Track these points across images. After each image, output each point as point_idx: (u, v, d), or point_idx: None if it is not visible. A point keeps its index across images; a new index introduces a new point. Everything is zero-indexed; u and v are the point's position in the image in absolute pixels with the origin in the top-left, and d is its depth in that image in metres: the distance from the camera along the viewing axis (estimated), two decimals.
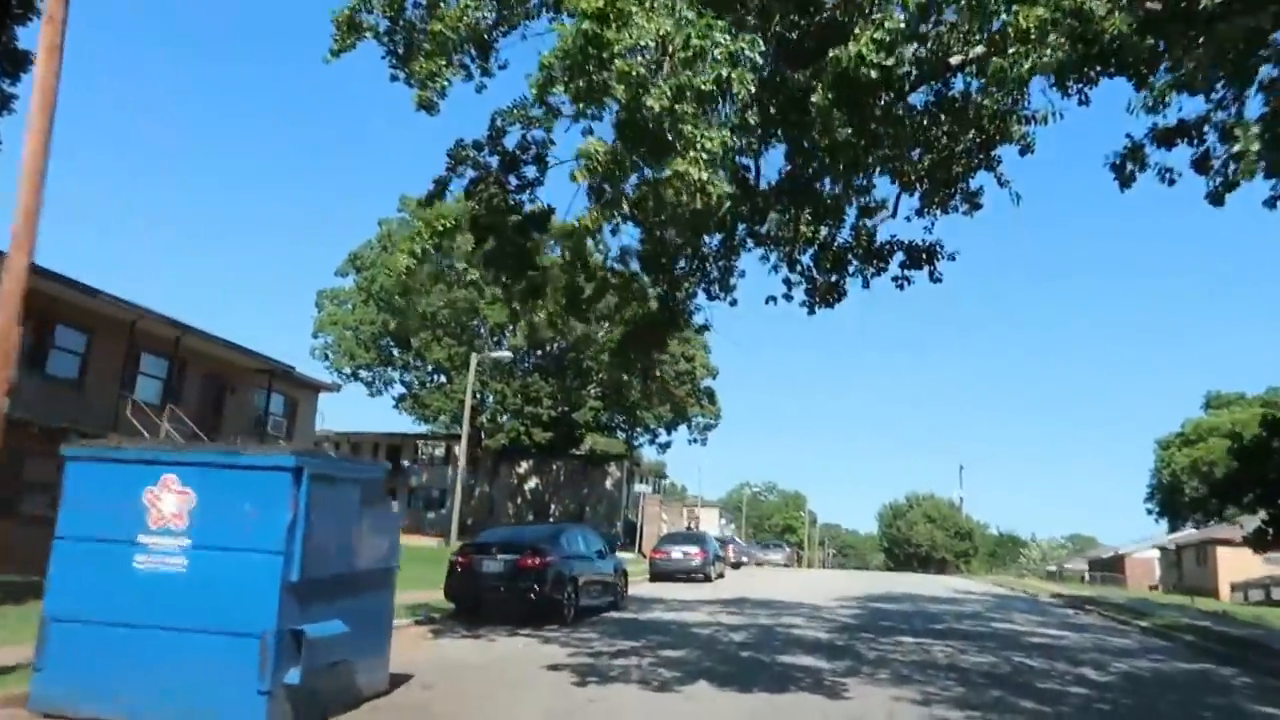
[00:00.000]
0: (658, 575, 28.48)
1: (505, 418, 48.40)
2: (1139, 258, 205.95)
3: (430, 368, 48.51)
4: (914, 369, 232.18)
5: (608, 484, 68.07)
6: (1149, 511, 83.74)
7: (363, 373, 49.51)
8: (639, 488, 48.71)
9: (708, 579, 28.49)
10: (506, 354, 38.78)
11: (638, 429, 54.66)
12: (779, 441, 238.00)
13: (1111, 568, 70.08)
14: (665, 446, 57.16)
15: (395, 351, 48.75)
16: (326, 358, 48.79)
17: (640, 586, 25.56)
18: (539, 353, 51.43)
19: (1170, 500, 79.51)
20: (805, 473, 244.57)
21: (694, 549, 28.81)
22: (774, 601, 21.14)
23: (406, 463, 63.57)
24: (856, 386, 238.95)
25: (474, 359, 37.66)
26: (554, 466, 70.47)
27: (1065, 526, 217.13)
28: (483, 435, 49.20)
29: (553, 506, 69.01)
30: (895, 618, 18.05)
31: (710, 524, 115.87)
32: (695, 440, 58.12)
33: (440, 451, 63.03)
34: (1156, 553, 64.44)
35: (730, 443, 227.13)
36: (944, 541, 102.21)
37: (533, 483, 70.07)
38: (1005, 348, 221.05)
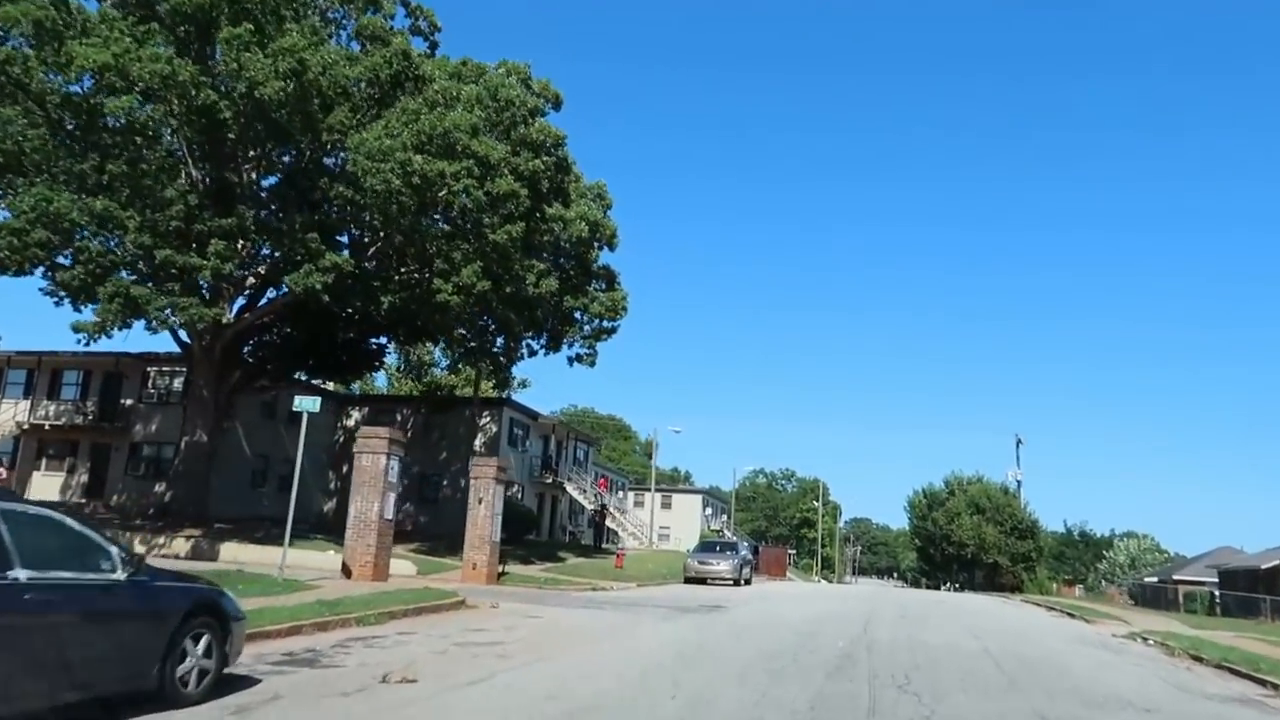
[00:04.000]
0: None
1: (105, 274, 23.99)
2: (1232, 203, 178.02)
3: None
4: (957, 338, 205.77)
5: (478, 443, 43.68)
6: None
7: None
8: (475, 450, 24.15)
9: None
10: None
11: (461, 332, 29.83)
12: (800, 424, 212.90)
13: (1273, 585, 44.86)
14: (499, 362, 32.44)
15: None
16: None
17: None
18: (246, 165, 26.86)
19: None
20: (829, 459, 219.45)
21: None
22: None
23: (129, 401, 39.63)
24: (889, 359, 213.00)
25: None
26: (399, 414, 46.25)
27: (1116, 524, 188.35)
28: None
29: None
30: None
31: (692, 515, 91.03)
32: (580, 357, 33.49)
33: (180, 383, 38.86)
34: None
35: (745, 425, 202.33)
36: (996, 540, 76.36)
37: None
38: (1059, 316, 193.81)
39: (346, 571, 18.66)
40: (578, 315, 32.64)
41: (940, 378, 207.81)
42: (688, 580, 32.04)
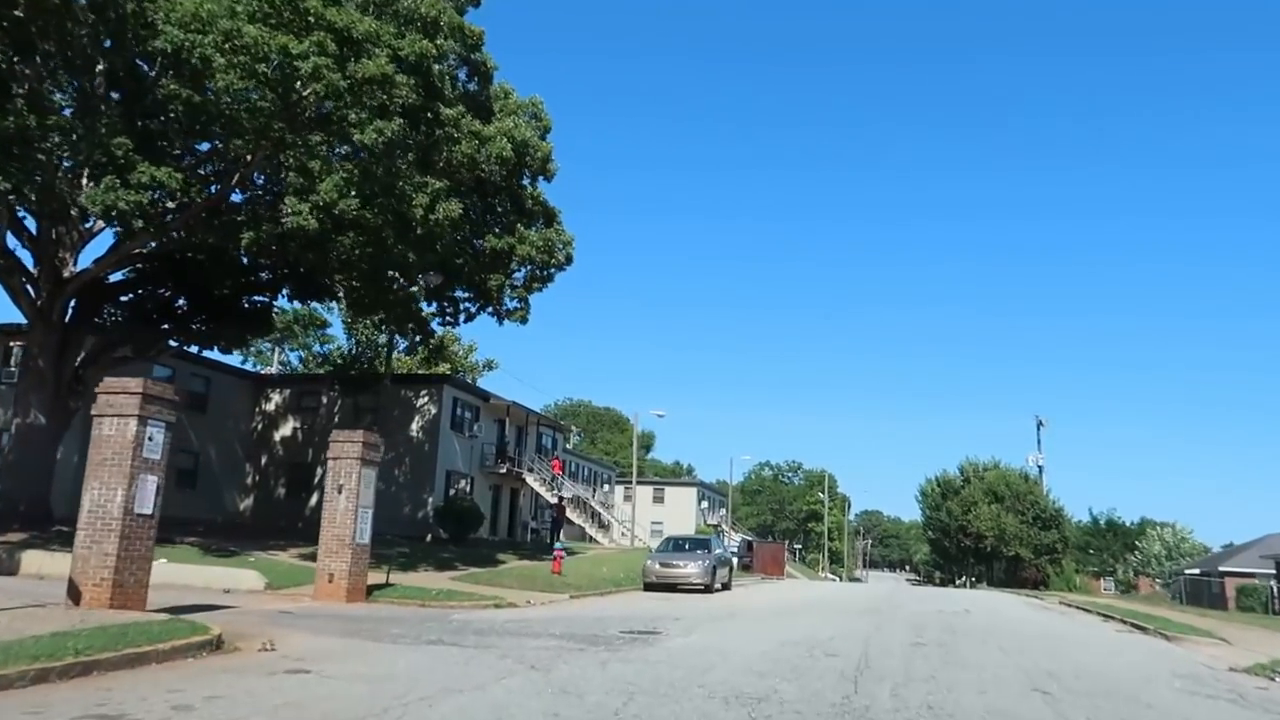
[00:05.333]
0: None
1: None
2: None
3: None
4: (971, 325, 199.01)
5: (415, 426, 37.52)
6: None
7: None
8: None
9: None
10: None
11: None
12: (807, 415, 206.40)
13: None
14: (408, 311, 26.13)
15: None
16: None
17: None
18: None
19: None
20: (838, 451, 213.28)
21: None
22: None
23: None
24: (899, 348, 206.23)
25: None
26: (324, 397, 40.07)
27: (1145, 512, 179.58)
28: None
29: (321, 469, 38.58)
30: None
31: (687, 509, 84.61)
32: (510, 312, 27.28)
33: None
34: None
35: (749, 418, 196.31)
36: (1018, 530, 69.90)
37: (288, 427, 39.76)
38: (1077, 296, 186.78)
39: (74, 595, 12.41)
40: (513, 264, 26.28)
41: (954, 366, 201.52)
42: (648, 587, 25.76)
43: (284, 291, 26.82)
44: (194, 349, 30.22)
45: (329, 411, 38.20)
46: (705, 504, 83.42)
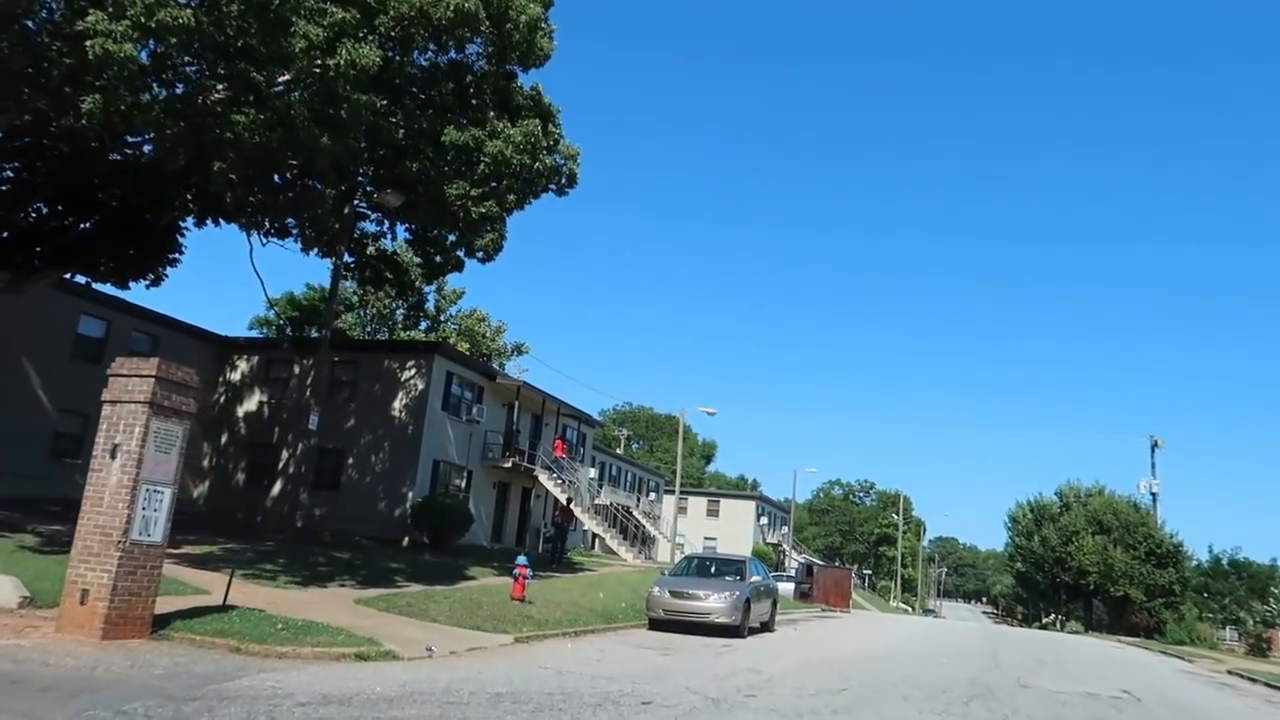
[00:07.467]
0: None
1: None
2: None
3: None
4: (1082, 339, 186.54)
5: (397, 405, 30.88)
6: None
7: None
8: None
9: None
10: None
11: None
12: (882, 435, 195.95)
13: None
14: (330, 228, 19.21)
15: None
16: None
17: None
18: None
19: None
20: (914, 474, 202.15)
21: None
22: None
23: None
24: (997, 363, 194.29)
25: None
26: (297, 367, 33.73)
27: (1260, 552, 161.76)
28: None
29: (286, 451, 32.25)
30: None
31: (744, 525, 76.73)
32: (474, 233, 20.27)
33: None
34: None
35: (820, 435, 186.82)
36: (1127, 567, 60.04)
37: (254, 401, 33.52)
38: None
39: None
40: (481, 167, 19.26)
41: (1051, 381, 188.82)
42: (653, 625, 18.36)
43: (190, 202, 20.25)
44: (122, 288, 23.87)
45: (300, 384, 31.83)
46: (765, 520, 75.26)
